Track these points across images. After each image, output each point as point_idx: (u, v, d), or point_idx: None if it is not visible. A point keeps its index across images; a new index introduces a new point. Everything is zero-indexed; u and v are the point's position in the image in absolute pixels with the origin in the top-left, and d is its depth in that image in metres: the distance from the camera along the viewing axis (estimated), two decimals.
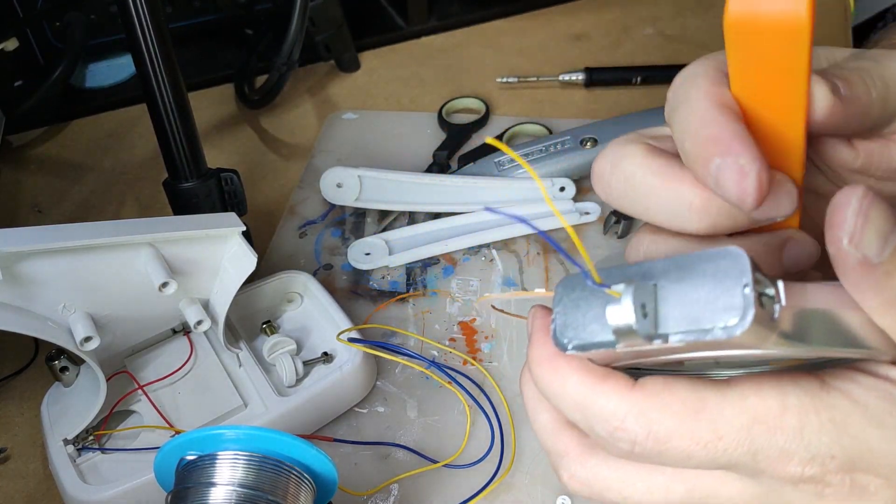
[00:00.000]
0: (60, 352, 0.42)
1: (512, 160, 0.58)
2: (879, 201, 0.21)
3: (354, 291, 0.52)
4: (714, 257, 0.21)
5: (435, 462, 0.42)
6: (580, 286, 0.24)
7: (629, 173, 0.26)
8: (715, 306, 0.21)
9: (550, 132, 0.63)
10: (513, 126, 0.65)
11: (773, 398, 0.23)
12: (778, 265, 0.27)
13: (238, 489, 0.29)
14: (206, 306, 0.43)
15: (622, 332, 0.21)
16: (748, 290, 0.20)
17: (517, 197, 0.55)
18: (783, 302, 0.21)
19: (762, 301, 0.21)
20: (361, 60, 0.76)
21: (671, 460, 0.24)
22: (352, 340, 0.44)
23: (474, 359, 0.47)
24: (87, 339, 0.38)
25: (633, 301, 0.21)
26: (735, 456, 0.23)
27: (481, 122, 0.67)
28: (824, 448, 0.23)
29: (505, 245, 0.55)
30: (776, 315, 0.21)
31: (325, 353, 0.46)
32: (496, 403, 0.45)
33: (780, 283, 0.21)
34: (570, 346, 0.23)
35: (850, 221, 0.21)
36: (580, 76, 0.70)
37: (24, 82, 0.68)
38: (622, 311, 0.21)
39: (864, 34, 1.13)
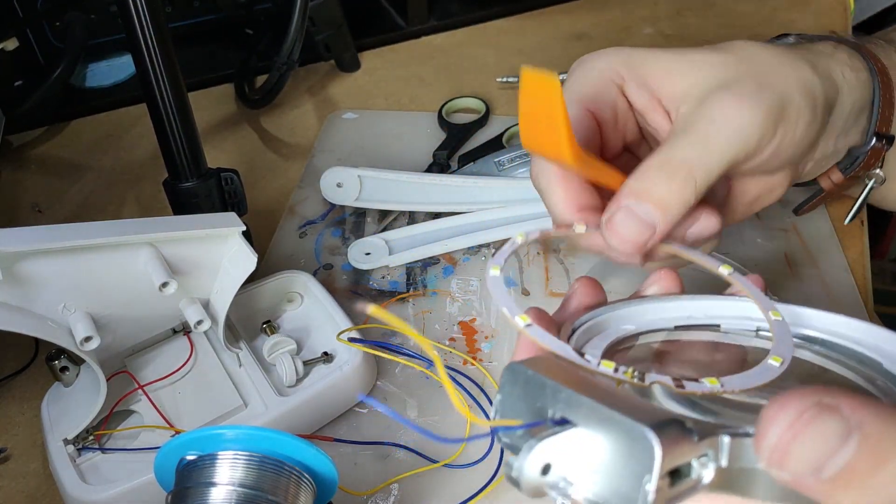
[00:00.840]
0: (61, 352, 0.42)
1: (512, 160, 0.58)
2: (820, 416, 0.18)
3: (354, 291, 0.52)
4: (632, 432, 0.20)
5: (435, 462, 0.42)
6: (521, 379, 0.24)
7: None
8: (617, 487, 0.20)
9: None
10: (513, 126, 0.65)
11: None
12: (682, 240, 0.35)
13: (238, 489, 0.29)
14: (207, 306, 0.43)
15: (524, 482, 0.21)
16: (649, 488, 0.20)
17: (517, 197, 0.55)
18: (705, 481, 0.21)
19: (689, 469, 0.20)
20: (361, 60, 0.76)
21: None
22: (352, 340, 0.44)
23: (474, 359, 0.47)
24: (88, 338, 0.38)
25: (533, 459, 0.21)
26: None
27: (481, 122, 0.67)
28: None
29: None
30: (704, 482, 0.21)
31: (325, 353, 0.46)
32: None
33: (710, 457, 0.20)
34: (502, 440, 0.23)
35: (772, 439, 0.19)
36: None
37: (24, 82, 0.68)
38: (523, 467, 0.21)
39: (864, 34, 1.12)
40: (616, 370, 0.24)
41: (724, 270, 0.33)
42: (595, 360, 0.24)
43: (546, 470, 0.21)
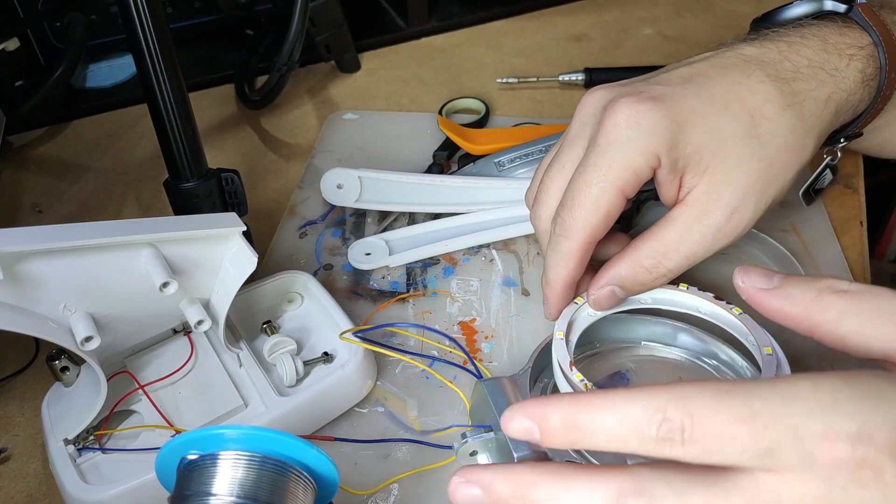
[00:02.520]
0: (61, 352, 0.42)
1: (512, 160, 0.58)
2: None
3: (355, 291, 0.52)
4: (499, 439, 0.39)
5: (439, 447, 0.42)
6: (479, 393, 0.41)
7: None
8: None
9: None
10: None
11: (805, 380, 0.26)
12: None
13: (238, 489, 0.29)
14: (207, 306, 0.43)
15: None
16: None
17: (517, 197, 0.55)
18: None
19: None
20: (361, 61, 0.76)
21: (719, 448, 0.26)
22: (355, 337, 0.44)
23: (474, 359, 0.47)
24: (88, 338, 0.38)
25: (464, 448, 0.39)
26: (777, 435, 0.25)
27: (481, 123, 0.67)
28: (867, 418, 0.24)
29: (505, 245, 0.55)
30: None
31: (326, 353, 0.46)
32: None
33: None
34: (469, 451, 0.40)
35: (738, 277, 0.35)
36: (580, 76, 0.70)
37: (24, 82, 0.68)
38: (458, 450, 0.40)
39: None
40: (581, 381, 0.37)
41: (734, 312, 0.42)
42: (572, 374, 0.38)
43: (473, 453, 0.40)
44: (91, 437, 0.41)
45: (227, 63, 0.75)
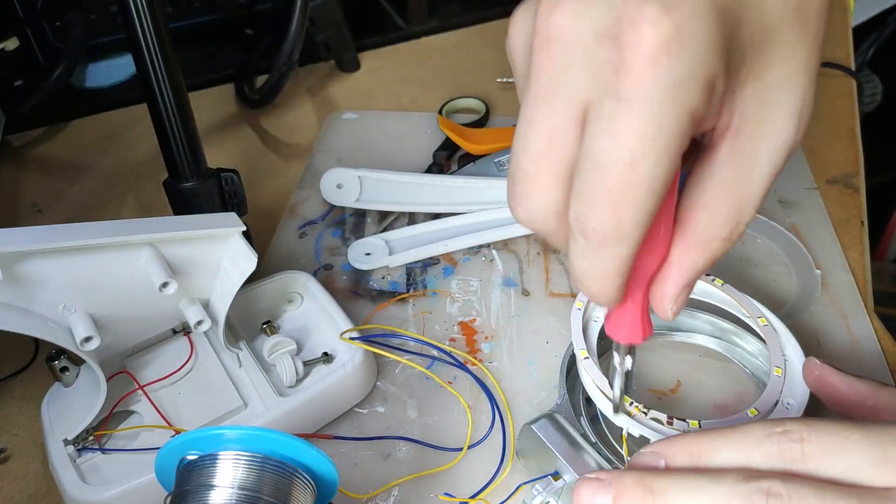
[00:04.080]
0: (60, 352, 0.42)
1: None
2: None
3: (354, 291, 0.52)
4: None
5: (437, 448, 0.42)
6: (530, 435, 0.40)
7: None
8: None
9: None
10: (513, 126, 0.65)
11: None
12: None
13: (238, 490, 0.29)
14: (207, 306, 0.43)
15: None
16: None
17: None
18: None
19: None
20: (361, 60, 0.76)
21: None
22: (354, 339, 0.44)
23: (475, 359, 0.47)
24: (88, 339, 0.38)
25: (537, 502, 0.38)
26: None
27: (481, 122, 0.67)
28: None
29: (505, 245, 0.55)
30: None
31: (326, 354, 0.46)
32: (497, 403, 0.45)
33: None
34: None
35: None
36: None
37: (24, 82, 0.68)
38: None
39: (864, 34, 1.13)
40: (631, 404, 0.37)
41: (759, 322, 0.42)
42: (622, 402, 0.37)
43: None
44: (91, 438, 0.41)
45: (227, 63, 0.75)
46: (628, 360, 0.34)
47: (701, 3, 0.24)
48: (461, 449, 0.42)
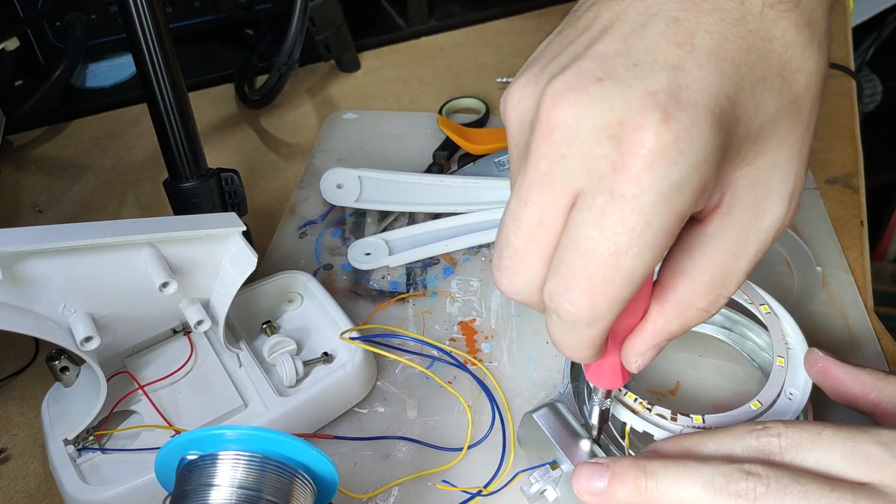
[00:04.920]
0: (61, 352, 0.42)
1: None
2: None
3: (354, 291, 0.52)
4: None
5: (438, 448, 0.42)
6: (531, 424, 0.40)
7: None
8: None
9: None
10: None
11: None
12: None
13: (238, 490, 0.29)
14: (207, 306, 0.43)
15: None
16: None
17: None
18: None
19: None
20: (361, 60, 0.76)
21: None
22: (354, 339, 0.44)
23: (475, 359, 0.47)
24: (88, 339, 0.38)
25: (534, 489, 0.38)
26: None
27: (481, 122, 0.67)
28: None
29: None
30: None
31: (326, 354, 0.46)
32: (497, 403, 0.45)
33: None
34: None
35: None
36: None
37: (24, 82, 0.68)
38: (530, 493, 0.38)
39: (864, 34, 1.13)
40: (635, 400, 0.38)
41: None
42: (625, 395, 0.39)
43: (542, 492, 0.39)
44: (91, 438, 0.41)
45: (227, 63, 0.75)
46: (607, 401, 0.37)
47: (702, 110, 0.25)
48: (461, 449, 0.42)
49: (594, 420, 0.37)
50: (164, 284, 0.39)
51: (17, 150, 0.68)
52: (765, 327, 0.43)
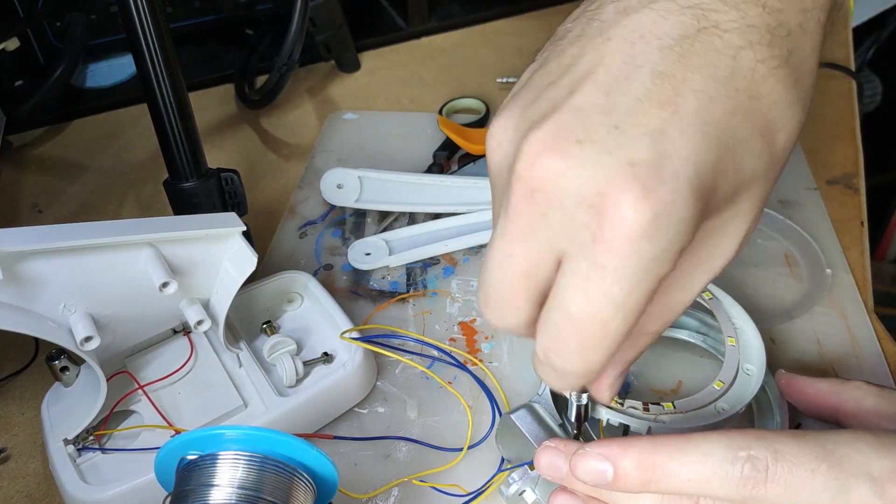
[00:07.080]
0: (61, 352, 0.42)
1: None
2: None
3: (355, 291, 0.52)
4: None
5: (438, 448, 0.42)
6: (509, 425, 0.39)
7: None
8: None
9: None
10: None
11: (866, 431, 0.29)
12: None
13: (238, 489, 0.29)
14: (207, 306, 0.43)
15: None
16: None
17: None
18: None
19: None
20: (362, 60, 0.76)
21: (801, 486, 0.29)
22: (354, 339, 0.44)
23: (475, 359, 0.47)
24: (88, 338, 0.38)
25: (513, 489, 0.38)
26: (852, 471, 0.28)
27: (481, 123, 0.67)
28: None
29: None
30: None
31: (326, 354, 0.46)
32: (497, 403, 0.45)
33: None
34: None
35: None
36: None
37: (24, 82, 0.68)
38: (508, 493, 0.38)
39: (864, 34, 1.13)
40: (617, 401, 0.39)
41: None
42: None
43: (521, 493, 0.38)
44: (91, 437, 0.41)
45: (227, 63, 0.75)
46: (584, 396, 0.36)
47: (682, 183, 0.25)
48: (461, 449, 0.42)
49: (573, 417, 0.37)
50: (164, 284, 0.39)
51: (17, 150, 0.68)
52: (711, 314, 0.44)
